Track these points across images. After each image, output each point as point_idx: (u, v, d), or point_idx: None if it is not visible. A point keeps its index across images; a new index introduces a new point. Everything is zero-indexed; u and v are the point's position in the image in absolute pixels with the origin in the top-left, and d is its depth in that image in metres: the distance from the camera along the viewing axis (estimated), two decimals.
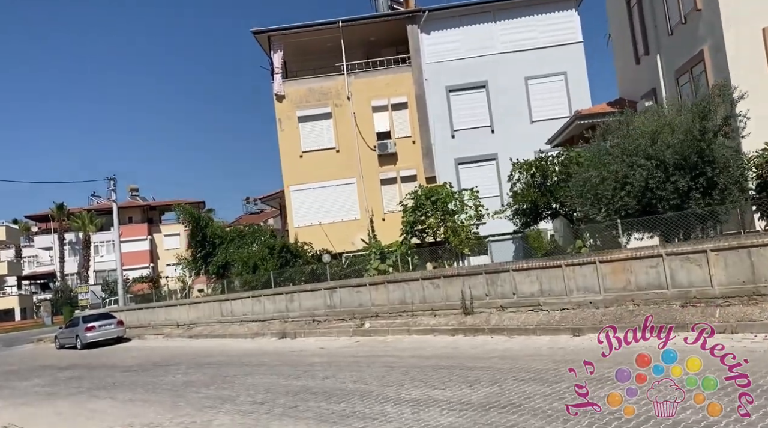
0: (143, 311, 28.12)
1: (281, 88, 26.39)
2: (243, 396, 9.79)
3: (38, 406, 11.74)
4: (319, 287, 18.36)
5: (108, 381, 14.26)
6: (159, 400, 10.55)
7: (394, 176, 26.07)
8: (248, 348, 17.59)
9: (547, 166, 15.70)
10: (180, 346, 20.94)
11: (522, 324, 12.29)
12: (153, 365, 16.39)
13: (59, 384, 14.79)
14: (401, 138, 26.14)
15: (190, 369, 14.44)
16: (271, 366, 13.09)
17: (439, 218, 19.86)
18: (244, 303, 21.59)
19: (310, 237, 25.09)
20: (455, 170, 25.52)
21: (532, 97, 25.78)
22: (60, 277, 69.03)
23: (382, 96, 26.20)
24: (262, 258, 24.34)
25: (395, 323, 15.35)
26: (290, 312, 19.45)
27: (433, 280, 14.83)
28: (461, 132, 25.80)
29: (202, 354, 17.52)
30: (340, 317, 17.43)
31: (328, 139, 26.49)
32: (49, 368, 19.30)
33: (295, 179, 26.46)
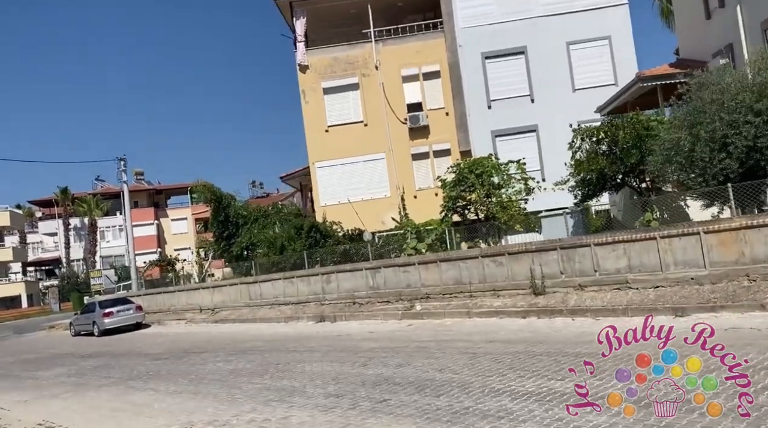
0: (162, 295, 27.01)
1: (304, 57, 24.98)
2: (310, 388, 8.64)
3: (69, 399, 10.63)
4: (360, 268, 17.17)
5: (140, 370, 13.15)
6: (210, 392, 9.41)
7: (426, 151, 24.75)
8: (285, 332, 16.46)
9: (615, 131, 14.36)
10: (207, 332, 19.85)
11: (608, 304, 11.07)
12: (184, 352, 15.29)
13: (86, 374, 13.70)
14: (433, 110, 24.77)
15: (230, 356, 13.32)
16: (325, 352, 11.94)
17: (484, 193, 18.54)
18: (275, 285, 20.43)
19: (336, 216, 23.84)
20: (492, 143, 24.14)
21: (574, 63, 24.30)
22: (66, 263, 68.13)
23: (412, 65, 24.78)
24: (290, 239, 23.16)
25: (451, 305, 14.16)
26: (327, 294, 18.29)
27: (496, 258, 13.61)
28: (498, 102, 24.39)
29: (236, 339, 16.40)
30: (384, 300, 16.26)
31: (355, 112, 25.14)
32: (69, 356, 18.25)
33: (320, 155, 25.16)
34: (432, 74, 24.80)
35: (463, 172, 18.82)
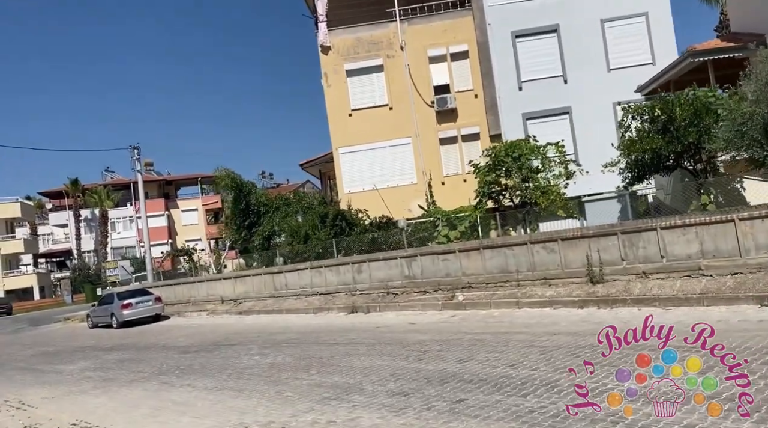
0: (181, 286, 26.43)
1: (326, 38, 24.14)
2: (368, 385, 7.93)
3: (101, 396, 9.98)
4: (394, 256, 16.43)
5: (170, 364, 12.51)
6: (256, 389, 8.72)
7: (455, 135, 23.90)
8: (317, 324, 15.78)
9: (672, 108, 13.46)
10: (232, 323, 19.22)
11: (679, 293, 10.27)
12: (214, 344, 14.65)
13: (112, 368, 13.08)
14: (462, 92, 23.90)
15: (264, 349, 12.65)
16: (369, 345, 11.23)
17: (522, 177, 17.73)
18: (302, 275, 19.74)
19: (361, 204, 23.09)
20: (523, 126, 23.24)
21: (610, 42, 23.31)
22: (77, 255, 67.88)
23: (439, 45, 23.89)
24: (313, 227, 22.44)
25: (496, 294, 13.40)
26: (358, 284, 17.58)
27: (547, 244, 12.81)
28: (530, 83, 23.46)
29: (265, 331, 15.74)
30: (421, 289, 15.53)
31: (380, 94, 24.31)
32: (90, 349, 17.68)
33: (343, 140, 24.38)
34: (460, 55, 23.90)
35: (500, 155, 18.01)
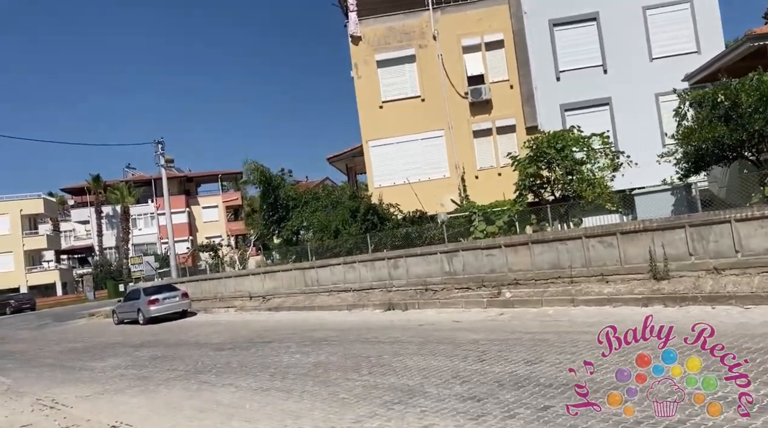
0: (208, 282, 26.02)
1: (357, 28, 23.52)
2: (431, 387, 7.29)
3: (139, 396, 9.47)
4: (433, 251, 15.76)
5: (206, 362, 11.98)
6: (306, 390, 8.13)
7: (489, 127, 23.14)
8: (353, 321, 15.16)
9: (736, 93, 12.60)
10: (262, 320, 18.69)
11: (759, 290, 9.48)
12: (248, 342, 14.11)
13: (146, 366, 12.59)
14: (496, 82, 23.13)
15: (303, 346, 12.08)
16: (418, 343, 10.57)
17: (566, 170, 16.95)
18: (334, 271, 19.16)
19: (391, 198, 22.46)
20: (561, 118, 22.46)
21: (652, 30, 22.39)
22: (98, 251, 68.19)
23: (473, 34, 23.14)
24: (344, 222, 21.87)
25: (548, 292, 12.68)
26: (394, 280, 16.95)
27: (604, 238, 12.06)
28: (568, 73, 22.65)
29: (299, 328, 15.18)
30: (462, 286, 14.85)
31: (412, 86, 23.64)
32: (120, 345, 17.28)
33: (374, 133, 23.75)
34: (495, 44, 23.13)
35: (542, 146, 17.23)
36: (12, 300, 47.32)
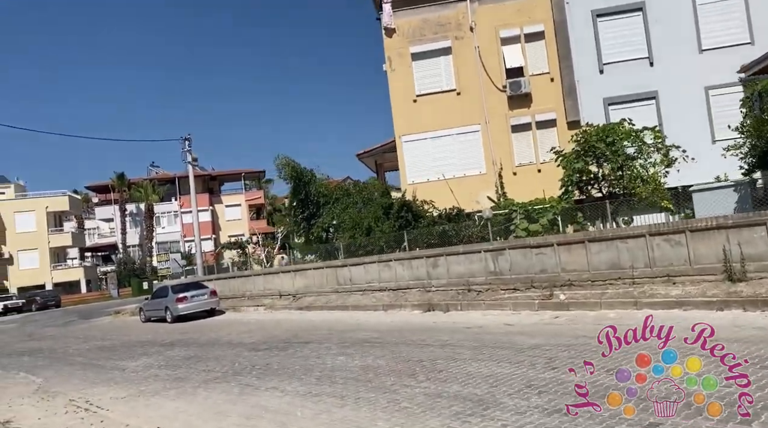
0: (236, 280, 25.58)
1: (391, 19, 22.88)
2: (503, 397, 6.59)
3: (178, 399, 8.91)
4: (477, 249, 15.03)
5: (243, 362, 11.42)
6: (361, 397, 7.49)
7: (528, 122, 22.31)
8: (392, 322, 14.50)
9: None
10: (294, 319, 18.13)
11: None
12: (284, 342, 13.53)
13: (180, 366, 12.08)
14: (536, 75, 22.30)
15: (345, 348, 11.45)
16: (472, 348, 9.86)
17: (618, 165, 16.10)
18: (368, 270, 18.54)
19: (425, 195, 21.77)
20: (604, 112, 21.54)
21: (702, 20, 21.35)
22: (122, 249, 68.57)
23: (512, 25, 22.34)
24: (376, 219, 21.24)
25: (607, 294, 11.87)
26: (433, 280, 16.25)
27: (671, 236, 11.23)
28: (612, 66, 21.72)
29: (335, 329, 14.55)
30: (509, 286, 14.10)
31: (447, 79, 22.92)
32: (149, 344, 16.84)
33: (407, 127, 23.09)
34: (535, 35, 22.30)
35: (591, 140, 16.39)
36: (38, 297, 47.62)
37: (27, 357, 17.25)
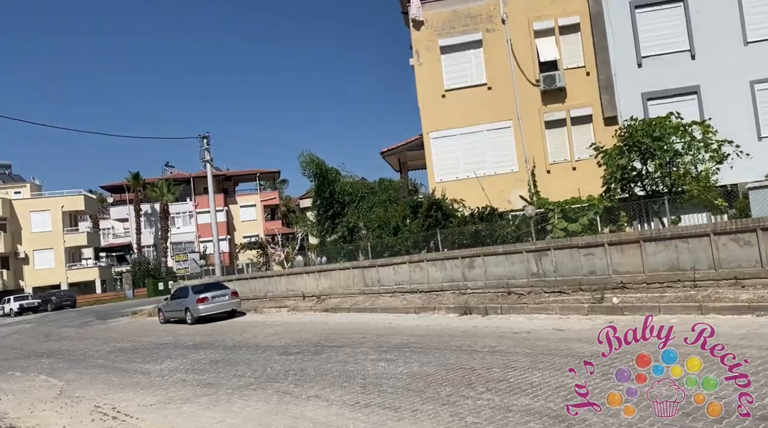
0: (257, 280, 25.02)
1: (419, 11, 22.20)
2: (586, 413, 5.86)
3: (213, 408, 8.30)
4: (519, 250, 14.30)
5: (275, 368, 10.81)
6: (417, 409, 6.83)
7: (563, 117, 21.52)
8: (428, 326, 13.81)
9: None
10: (321, 321, 17.51)
11: None
12: (315, 345, 12.90)
13: (207, 371, 11.49)
14: (571, 69, 21.50)
15: (384, 353, 10.80)
16: (527, 355, 9.16)
17: (666, 161, 15.31)
18: (397, 271, 17.87)
19: (453, 194, 21.06)
20: (643, 108, 20.70)
21: (747, 10, 20.40)
22: (136, 249, 68.52)
23: (546, 17, 21.57)
24: (404, 218, 20.59)
25: (665, 297, 11.11)
26: (469, 282, 15.54)
27: (740, 235, 10.44)
28: (651, 59, 20.86)
29: (369, 332, 13.90)
30: (554, 289, 13.36)
31: (478, 73, 22.19)
32: (171, 346, 16.31)
33: (436, 123, 22.38)
34: (570, 28, 21.49)
35: (636, 135, 15.62)
36: (53, 297, 47.51)
37: (46, 358, 16.80)
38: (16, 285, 57.48)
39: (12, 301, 46.17)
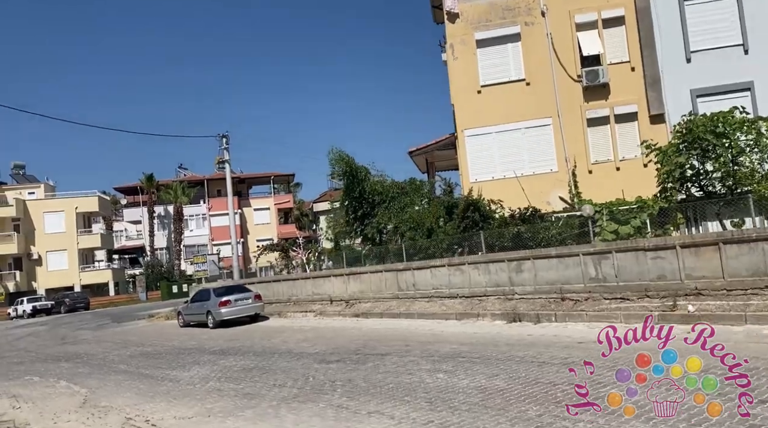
0: (280, 284, 24.13)
1: (455, 3, 21.33)
2: None
3: (258, 422, 7.40)
4: (574, 252, 13.29)
5: (318, 377, 9.88)
6: None
7: (606, 115, 20.51)
8: (475, 333, 12.83)
9: None
10: (354, 327, 16.58)
11: None
12: (354, 353, 11.97)
13: (242, 379, 10.58)
14: (615, 64, 20.51)
15: (436, 363, 9.86)
16: (611, 368, 8.13)
17: (730, 159, 14.27)
18: (435, 274, 16.90)
19: (488, 194, 20.07)
20: (692, 105, 19.64)
21: None
22: (150, 251, 68.05)
23: (589, 9, 20.61)
24: (438, 219, 19.64)
25: (752, 305, 10.08)
26: (517, 287, 14.54)
27: None
28: (700, 54, 19.83)
29: (412, 339, 12.94)
30: (615, 295, 12.34)
31: (516, 68, 21.25)
32: (196, 351, 15.43)
33: (471, 120, 21.45)
34: (614, 21, 20.52)
35: (697, 131, 14.58)
36: (67, 299, 46.95)
37: (65, 362, 15.98)
38: (29, 287, 57.05)
39: (25, 303, 45.66)
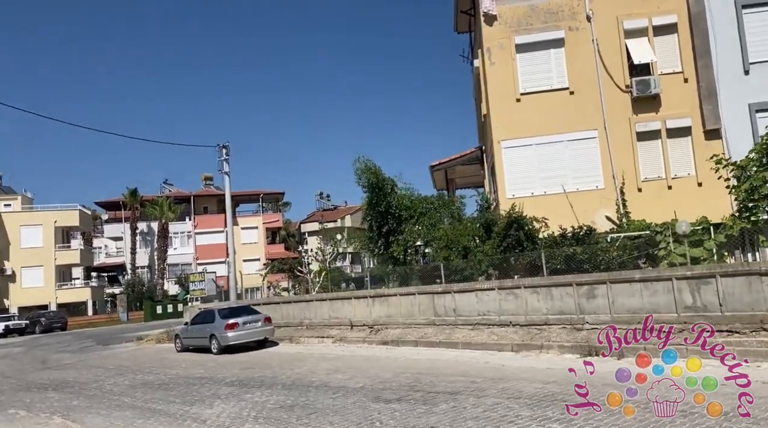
0: (290, 305, 22.13)
1: (493, 5, 20.04)
2: None
3: None
4: (664, 276, 11.67)
5: (388, 422, 8.10)
6: None
7: (657, 129, 19.20)
8: (548, 369, 11.09)
9: None
10: (387, 356, 14.70)
11: None
12: (412, 389, 10.16)
13: (288, 421, 8.73)
14: (667, 74, 19.30)
15: (532, 408, 8.09)
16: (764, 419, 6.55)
17: None
18: (482, 298, 15.16)
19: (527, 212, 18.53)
20: (751, 120, 18.48)
21: None
22: (131, 270, 65.43)
23: (638, 15, 19.44)
24: (475, 237, 18.00)
25: None
26: (588, 315, 12.87)
27: None
28: (760, 66, 18.72)
29: (470, 374, 11.17)
30: (720, 327, 10.69)
31: (558, 75, 19.93)
32: (209, 382, 13.43)
33: (508, 131, 20.01)
34: (666, 28, 19.36)
35: None
36: (42, 318, 44.17)
37: (53, 391, 13.88)
38: (1, 304, 54.03)
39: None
